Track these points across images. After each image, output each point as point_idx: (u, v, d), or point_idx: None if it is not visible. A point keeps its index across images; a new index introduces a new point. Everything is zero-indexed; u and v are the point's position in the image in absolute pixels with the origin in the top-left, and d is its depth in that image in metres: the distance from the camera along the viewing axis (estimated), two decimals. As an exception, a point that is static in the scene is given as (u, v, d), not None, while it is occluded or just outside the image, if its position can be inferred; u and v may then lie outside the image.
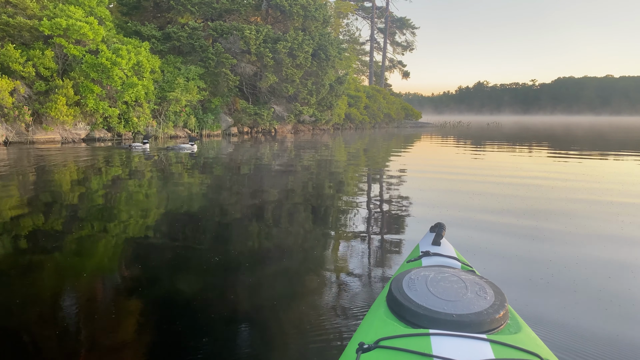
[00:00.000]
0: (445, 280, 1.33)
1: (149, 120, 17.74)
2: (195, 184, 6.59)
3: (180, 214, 4.53)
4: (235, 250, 3.33)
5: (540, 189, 6.21)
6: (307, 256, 3.16)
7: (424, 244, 1.87)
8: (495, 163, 9.96)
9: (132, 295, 2.51)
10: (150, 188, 6.25)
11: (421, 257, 1.70)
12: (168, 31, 18.93)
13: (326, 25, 22.57)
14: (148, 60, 17.38)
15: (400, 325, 1.19)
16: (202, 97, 19.42)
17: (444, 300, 1.22)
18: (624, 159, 10.92)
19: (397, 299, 1.26)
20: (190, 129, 19.59)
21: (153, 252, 3.30)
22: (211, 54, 18.52)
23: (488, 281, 1.36)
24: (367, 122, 33.21)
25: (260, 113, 20.11)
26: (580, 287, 2.65)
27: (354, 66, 44.75)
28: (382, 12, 45.54)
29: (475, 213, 4.58)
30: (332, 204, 5.09)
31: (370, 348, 1.11)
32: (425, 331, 1.12)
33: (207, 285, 2.65)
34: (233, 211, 4.71)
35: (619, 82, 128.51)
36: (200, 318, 2.17)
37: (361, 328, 1.33)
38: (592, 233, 3.90)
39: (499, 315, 1.18)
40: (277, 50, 19.02)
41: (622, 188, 6.27)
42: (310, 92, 21.32)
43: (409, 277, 1.36)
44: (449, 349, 1.04)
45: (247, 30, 18.49)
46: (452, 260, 1.66)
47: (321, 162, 10.08)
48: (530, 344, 1.11)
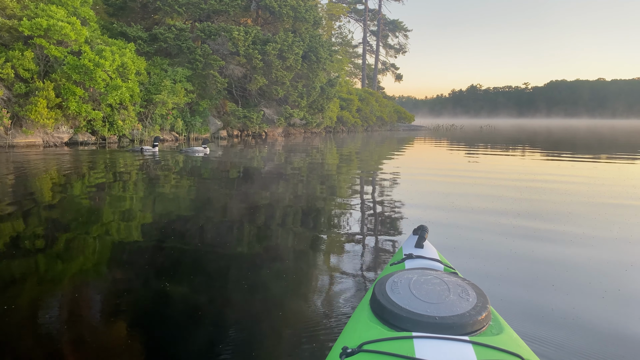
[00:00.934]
0: (428, 283, 1.33)
1: (134, 124, 17.30)
2: (185, 188, 6.21)
3: (165, 219, 4.39)
4: (223, 255, 3.26)
5: (528, 189, 6.27)
6: (294, 261, 3.12)
7: (407, 246, 1.86)
8: (486, 165, 9.73)
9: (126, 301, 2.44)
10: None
11: (404, 260, 1.69)
12: (155, 32, 18.52)
13: (317, 27, 22.24)
14: (133, 61, 16.96)
15: (383, 329, 1.19)
16: (190, 99, 19.00)
17: (426, 303, 1.22)
18: (618, 161, 10.68)
19: (380, 302, 1.26)
20: (177, 132, 19.16)
21: (141, 255, 3.23)
22: (199, 56, 18.12)
23: (470, 283, 1.36)
24: (359, 125, 32.89)
25: (249, 116, 19.72)
26: (564, 285, 2.66)
27: (347, 69, 44.47)
28: (374, 15, 45.30)
29: (462, 214, 4.58)
30: (320, 208, 5.00)
31: (354, 352, 1.10)
32: (408, 334, 1.11)
33: (197, 290, 2.61)
34: (221, 216, 4.60)
35: (610, 85, 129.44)
36: (189, 323, 2.15)
37: (345, 332, 1.33)
38: (582, 233, 3.92)
39: (481, 317, 1.18)
40: (266, 52, 18.65)
41: (611, 190, 6.34)
42: (300, 95, 20.95)
43: (392, 280, 1.36)
44: (431, 351, 1.04)
45: (235, 31, 18.11)
46: (435, 262, 1.65)
47: (311, 165, 9.77)
48: (512, 345, 1.11)
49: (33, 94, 14.16)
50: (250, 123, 20.00)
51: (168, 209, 4.91)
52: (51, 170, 8.19)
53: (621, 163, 10.51)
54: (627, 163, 10.57)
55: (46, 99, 14.21)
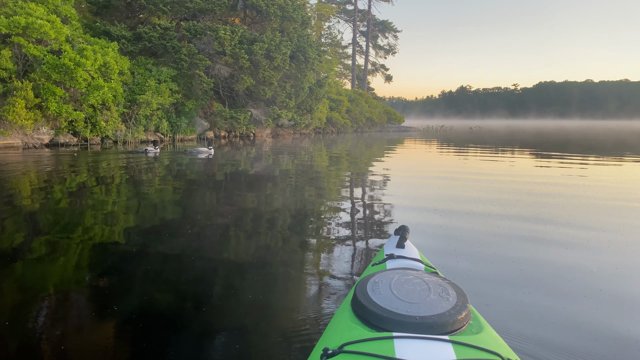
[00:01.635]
0: (409, 283, 1.33)
1: (117, 125, 16.88)
2: (169, 191, 5.89)
3: (148, 223, 4.29)
4: (204, 258, 3.21)
5: (515, 189, 6.34)
6: (279, 263, 3.09)
7: (389, 247, 1.85)
8: (474, 166, 9.54)
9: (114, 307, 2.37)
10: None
11: (386, 260, 1.69)
12: (139, 31, 18.12)
13: (305, 26, 21.96)
14: (116, 61, 16.55)
15: (364, 329, 1.18)
16: (175, 100, 18.62)
17: (407, 303, 1.21)
18: (607, 161, 10.53)
19: (361, 302, 1.25)
20: (162, 133, 18.77)
21: (126, 259, 3.18)
22: (184, 55, 17.75)
23: (451, 282, 1.36)
24: (349, 126, 32.66)
25: (236, 117, 19.37)
26: (549, 285, 2.66)
27: (337, 70, 44.26)
28: (364, 15, 45.14)
29: (449, 215, 4.56)
30: (306, 210, 4.95)
31: (335, 353, 1.09)
32: (388, 334, 1.11)
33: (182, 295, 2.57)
34: (204, 220, 4.49)
35: (598, 87, 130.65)
36: (173, 329, 2.13)
37: (326, 333, 1.32)
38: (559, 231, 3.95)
39: (461, 316, 1.18)
40: (253, 51, 18.33)
41: (599, 189, 6.40)
42: (289, 95, 20.65)
43: (374, 280, 1.36)
44: (411, 351, 1.03)
45: (221, 30, 17.77)
46: (416, 262, 1.65)
47: (299, 167, 9.52)
48: (491, 343, 1.11)
49: (11, 94, 13.71)
50: (237, 124, 19.65)
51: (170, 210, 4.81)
52: (53, 172, 7.83)
53: (610, 164, 10.36)
54: (616, 164, 10.42)
55: (25, 99, 13.78)
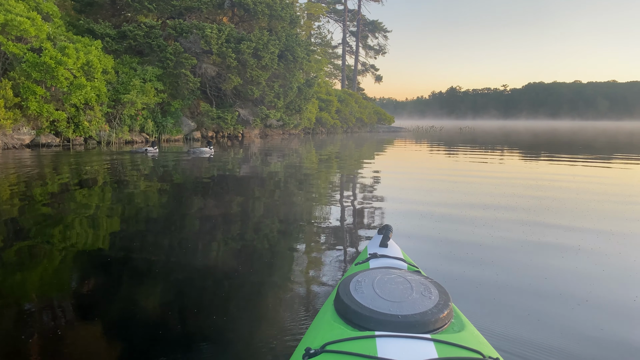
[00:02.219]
0: (392, 282, 1.33)
1: (101, 125, 16.51)
2: (154, 192, 5.61)
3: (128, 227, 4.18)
4: (175, 258, 3.19)
5: (497, 186, 6.45)
6: (263, 264, 3.06)
7: (372, 246, 1.85)
8: (462, 166, 9.36)
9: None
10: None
11: (369, 260, 1.69)
12: (124, 29, 17.75)
13: (294, 25, 21.70)
14: (100, 60, 16.18)
15: (346, 329, 1.18)
16: (161, 99, 18.27)
17: (389, 302, 1.21)
18: (594, 162, 10.43)
19: (344, 302, 1.24)
20: (147, 133, 18.41)
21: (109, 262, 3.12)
22: (170, 54, 17.42)
23: (433, 281, 1.36)
24: (338, 127, 32.46)
25: (223, 117, 19.06)
26: (533, 286, 2.67)
27: (327, 70, 44.04)
28: (354, 15, 44.96)
29: (435, 216, 4.54)
30: (292, 210, 4.92)
31: (317, 353, 1.08)
32: (371, 333, 1.11)
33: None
34: (187, 224, 4.36)
35: (586, 88, 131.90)
36: (156, 334, 2.07)
37: (308, 333, 1.32)
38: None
39: (443, 314, 1.18)
40: (240, 50, 18.03)
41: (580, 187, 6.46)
42: (277, 95, 20.37)
43: (356, 279, 1.35)
44: (393, 350, 1.03)
45: (208, 29, 17.46)
46: (399, 261, 1.65)
47: (287, 169, 9.26)
48: (473, 341, 1.11)
49: (-11, 93, 13.31)
50: (224, 124, 19.34)
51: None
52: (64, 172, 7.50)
53: (597, 165, 10.26)
54: (603, 166, 10.32)
55: (3, 98, 13.38)
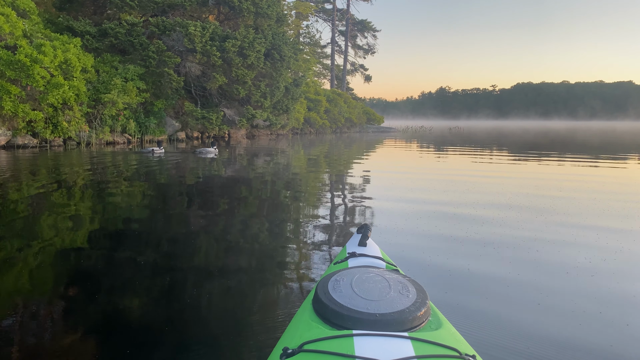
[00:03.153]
0: (370, 281, 1.34)
1: (81, 125, 15.98)
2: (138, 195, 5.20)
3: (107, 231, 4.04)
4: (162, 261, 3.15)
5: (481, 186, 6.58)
6: (245, 266, 3.04)
7: (351, 245, 1.84)
8: (450, 166, 9.09)
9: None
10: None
11: (348, 259, 1.69)
12: (104, 27, 17.23)
13: (281, 24, 21.30)
14: (79, 58, 15.65)
15: (324, 328, 1.17)
16: (143, 99, 17.77)
17: (367, 300, 1.22)
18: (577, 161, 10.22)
19: (322, 301, 1.24)
20: (130, 134, 17.90)
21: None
22: (152, 53, 16.93)
23: (411, 279, 1.37)
24: (327, 127, 32.11)
25: (208, 117, 18.60)
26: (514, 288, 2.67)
27: (315, 69, 43.67)
28: (342, 15, 44.62)
29: (421, 219, 4.48)
30: (277, 212, 4.88)
31: (294, 352, 1.08)
32: (348, 332, 1.10)
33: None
34: (168, 227, 4.27)
35: (574, 88, 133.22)
36: (141, 338, 2.04)
37: (286, 333, 1.32)
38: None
39: (421, 312, 1.19)
40: (225, 48, 17.59)
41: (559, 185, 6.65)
42: (263, 95, 19.96)
43: (335, 278, 1.35)
44: (371, 348, 1.03)
45: (191, 26, 17.00)
46: (378, 260, 1.66)
47: (274, 170, 8.88)
48: (450, 339, 1.12)
49: (-40, 92, 12.76)
50: (209, 124, 18.88)
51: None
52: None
53: (578, 164, 10.04)
54: (589, 165, 10.10)
55: (-25, 97, 12.83)
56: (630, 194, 6.07)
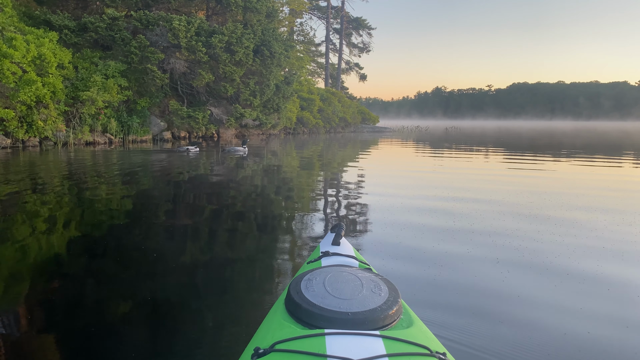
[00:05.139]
0: (342, 279, 1.32)
1: (58, 124, 15.08)
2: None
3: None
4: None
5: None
6: (226, 265, 2.98)
7: (324, 244, 1.84)
8: (447, 172, 8.38)
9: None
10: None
11: (321, 258, 1.68)
12: (84, 21, 16.35)
13: (272, 19, 20.46)
14: (55, 53, 14.77)
15: (297, 327, 1.16)
16: (125, 97, 16.89)
17: (339, 299, 1.20)
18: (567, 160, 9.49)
19: (294, 300, 1.23)
20: (111, 133, 17.02)
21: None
22: (134, 48, 16.06)
23: (383, 278, 1.36)
24: (321, 127, 31.30)
25: (194, 116, 17.74)
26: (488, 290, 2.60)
27: (310, 68, 42.84)
28: (337, 12, 43.76)
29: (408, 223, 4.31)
30: (256, 210, 4.87)
31: (265, 352, 1.06)
32: (320, 331, 1.09)
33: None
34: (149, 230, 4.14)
35: (569, 88, 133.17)
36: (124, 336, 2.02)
37: (258, 333, 1.29)
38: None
39: (392, 311, 1.18)
40: (212, 44, 16.74)
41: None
42: (253, 93, 19.11)
43: (307, 277, 1.34)
44: (342, 347, 1.02)
45: (176, 21, 16.14)
46: (351, 259, 1.65)
47: (263, 169, 8.08)
48: (421, 337, 1.12)
49: None
50: (195, 124, 18.02)
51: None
52: None
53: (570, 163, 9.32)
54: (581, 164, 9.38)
55: (-61, 94, 11.95)
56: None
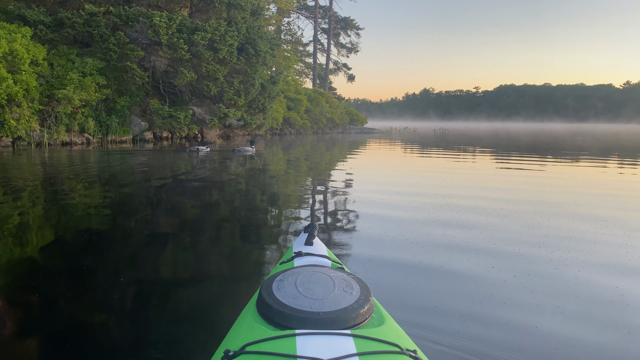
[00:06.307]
0: (314, 279, 1.31)
1: (32, 123, 14.44)
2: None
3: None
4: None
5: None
6: (189, 267, 2.99)
7: (297, 244, 1.83)
8: (435, 174, 8.00)
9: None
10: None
11: (294, 258, 1.66)
12: (60, 17, 15.72)
13: (257, 17, 19.98)
14: (28, 49, 14.13)
15: (268, 329, 1.15)
16: (104, 95, 16.29)
17: (311, 300, 1.19)
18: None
19: (265, 301, 1.21)
20: (90, 133, 16.39)
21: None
22: (113, 45, 15.47)
23: (355, 277, 1.35)
24: (308, 127, 30.85)
25: (176, 116, 17.18)
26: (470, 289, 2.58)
27: (297, 68, 42.38)
28: (325, 12, 43.37)
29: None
30: (229, 215, 4.79)
31: (236, 354, 1.05)
32: (291, 332, 1.08)
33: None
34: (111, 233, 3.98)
35: (556, 90, 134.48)
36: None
37: (229, 335, 1.27)
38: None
39: (364, 310, 1.18)
40: (194, 42, 16.22)
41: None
42: (237, 92, 18.61)
43: (280, 278, 1.33)
44: (313, 347, 1.02)
45: (156, 17, 15.58)
46: (323, 259, 1.64)
47: (250, 171, 7.61)
48: (392, 335, 1.13)
49: None
50: (176, 124, 17.46)
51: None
52: None
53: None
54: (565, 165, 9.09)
55: None
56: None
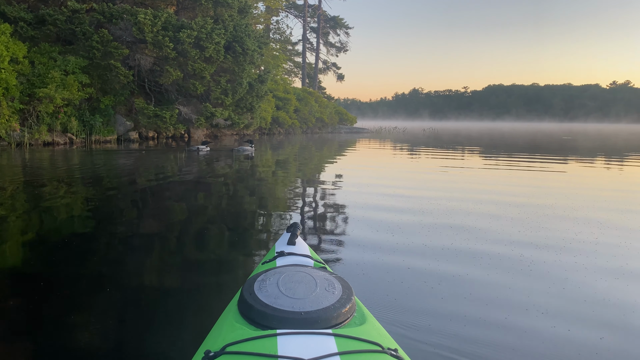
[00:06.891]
0: (296, 279, 1.30)
1: (11, 123, 14.04)
2: None
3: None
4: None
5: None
6: (171, 266, 2.98)
7: (280, 244, 1.82)
8: (427, 176, 7.87)
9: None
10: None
11: (276, 258, 1.66)
12: (42, 13, 15.32)
13: (244, 15, 19.70)
14: (7, 47, 13.74)
15: (249, 329, 1.13)
16: (87, 94, 15.91)
17: (293, 299, 1.19)
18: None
19: (247, 301, 1.20)
20: (72, 133, 16.01)
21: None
22: (96, 43, 15.11)
23: (337, 276, 1.35)
24: (297, 127, 30.63)
25: (161, 115, 16.86)
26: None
27: (286, 67, 42.11)
28: (314, 11, 43.16)
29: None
30: (212, 215, 4.74)
31: (216, 355, 1.04)
32: (272, 332, 1.08)
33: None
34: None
35: (544, 90, 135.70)
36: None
37: (210, 336, 1.26)
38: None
39: (345, 309, 1.18)
40: (180, 39, 15.91)
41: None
42: (224, 92, 18.32)
43: (261, 278, 1.32)
44: (294, 347, 1.01)
45: (141, 14, 15.26)
46: (306, 258, 1.64)
47: (236, 172, 7.38)
48: (373, 334, 1.13)
49: None
50: (162, 123, 17.14)
51: None
52: None
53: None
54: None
55: None
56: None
